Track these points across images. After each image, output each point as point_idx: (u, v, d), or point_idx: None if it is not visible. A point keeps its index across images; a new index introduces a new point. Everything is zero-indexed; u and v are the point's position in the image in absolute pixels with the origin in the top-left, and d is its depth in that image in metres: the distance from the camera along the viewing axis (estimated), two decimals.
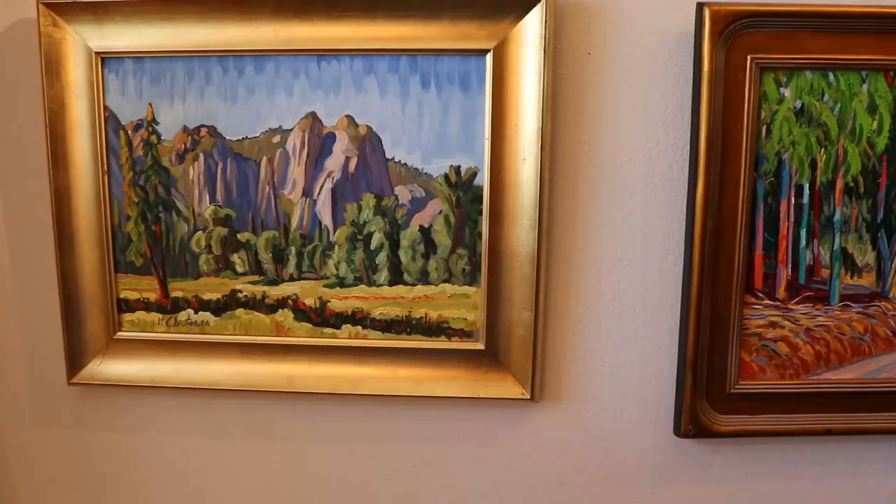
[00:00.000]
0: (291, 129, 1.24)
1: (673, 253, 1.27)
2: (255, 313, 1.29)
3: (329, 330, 1.29)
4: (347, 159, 1.25)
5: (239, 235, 1.27)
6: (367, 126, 1.23)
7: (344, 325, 1.29)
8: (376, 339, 1.29)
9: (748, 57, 1.20)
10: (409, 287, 1.27)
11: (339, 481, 1.36)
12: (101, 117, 1.24)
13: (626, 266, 1.28)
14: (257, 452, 1.36)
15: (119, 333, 1.31)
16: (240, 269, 1.29)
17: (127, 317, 1.31)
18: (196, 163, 1.26)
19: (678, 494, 1.36)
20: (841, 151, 1.25)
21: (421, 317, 1.28)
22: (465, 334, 1.28)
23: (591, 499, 1.35)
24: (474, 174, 1.23)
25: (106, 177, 1.26)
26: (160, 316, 1.31)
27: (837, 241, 1.27)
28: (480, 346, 1.28)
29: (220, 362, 1.31)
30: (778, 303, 1.28)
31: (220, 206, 1.27)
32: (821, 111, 1.23)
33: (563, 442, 1.33)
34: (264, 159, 1.25)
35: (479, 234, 1.25)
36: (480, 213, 1.24)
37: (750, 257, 1.26)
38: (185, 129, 1.25)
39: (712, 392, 1.28)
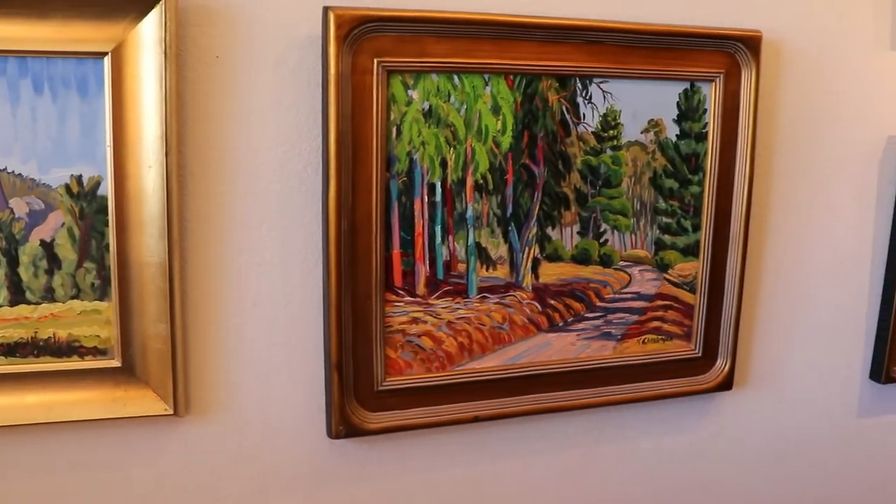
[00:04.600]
0: None
1: (313, 255, 1.28)
2: None
3: None
4: None
5: None
6: None
7: None
8: None
9: (374, 60, 1.22)
10: (32, 306, 1.18)
11: None
12: None
13: (266, 271, 1.26)
14: None
15: None
16: None
17: None
18: None
19: (337, 495, 1.37)
20: (469, 150, 1.31)
21: (49, 337, 1.19)
22: (99, 352, 1.21)
23: None
24: (98, 183, 1.17)
25: None
26: None
27: (471, 236, 1.33)
28: (117, 363, 1.21)
29: None
30: (419, 298, 1.32)
31: None
32: (448, 112, 1.29)
33: (216, 455, 1.29)
34: None
35: (108, 247, 1.18)
36: (107, 224, 1.18)
37: (388, 256, 1.29)
38: None
39: (360, 391, 1.30)
